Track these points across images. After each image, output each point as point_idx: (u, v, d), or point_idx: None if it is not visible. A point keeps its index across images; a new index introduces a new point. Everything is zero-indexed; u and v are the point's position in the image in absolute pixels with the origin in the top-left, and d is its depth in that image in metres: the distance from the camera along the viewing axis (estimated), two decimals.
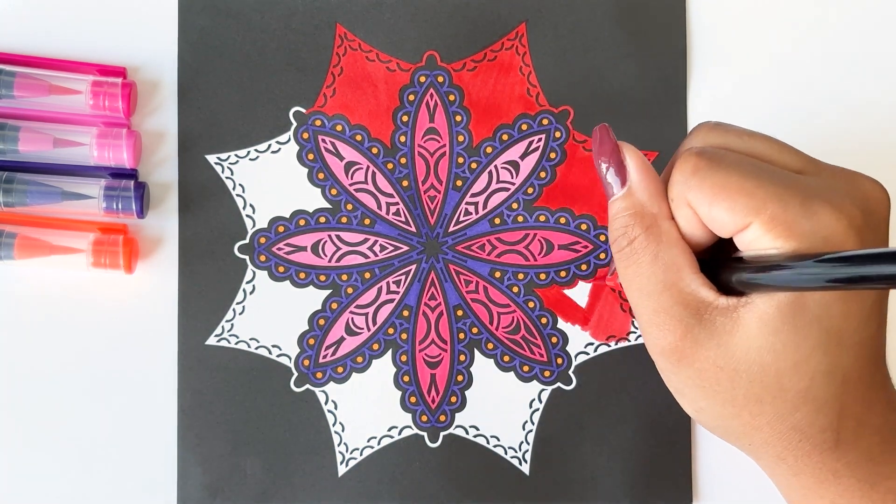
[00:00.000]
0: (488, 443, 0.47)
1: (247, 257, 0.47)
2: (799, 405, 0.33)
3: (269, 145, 0.47)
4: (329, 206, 0.47)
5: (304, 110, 0.47)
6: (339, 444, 0.47)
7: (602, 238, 0.47)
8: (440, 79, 0.48)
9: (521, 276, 0.47)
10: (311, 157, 0.47)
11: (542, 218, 0.47)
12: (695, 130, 0.37)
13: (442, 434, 0.47)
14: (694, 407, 0.36)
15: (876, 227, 0.34)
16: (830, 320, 0.33)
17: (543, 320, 0.47)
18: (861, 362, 0.34)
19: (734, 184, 0.33)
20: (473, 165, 0.48)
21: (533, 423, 0.47)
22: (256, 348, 0.47)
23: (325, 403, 0.47)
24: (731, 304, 0.34)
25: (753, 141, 0.36)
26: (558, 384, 0.47)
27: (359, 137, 0.48)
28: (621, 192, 0.36)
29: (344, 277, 0.47)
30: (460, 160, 0.48)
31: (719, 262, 0.35)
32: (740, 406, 0.34)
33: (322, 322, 0.47)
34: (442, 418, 0.47)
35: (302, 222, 0.47)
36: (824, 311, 0.33)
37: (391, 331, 0.47)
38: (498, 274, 0.47)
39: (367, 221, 0.47)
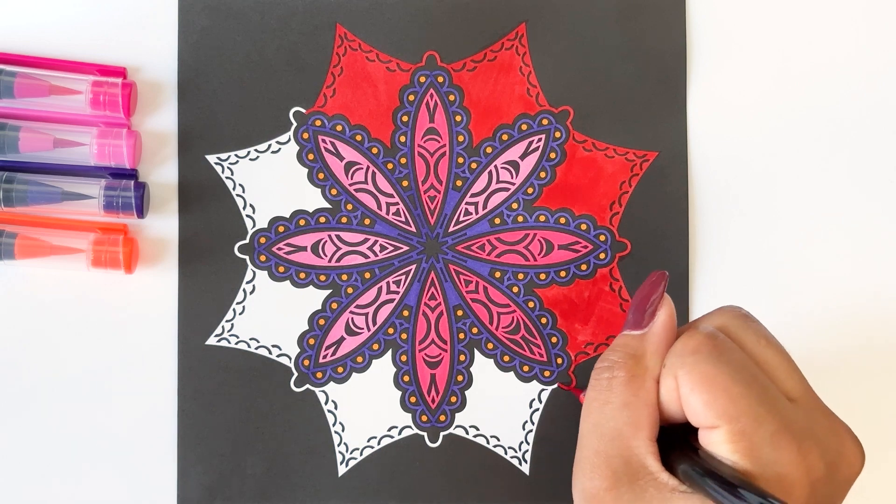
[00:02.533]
0: (488, 443, 0.47)
1: (247, 257, 0.47)
2: None
3: (269, 145, 0.47)
4: (329, 206, 0.47)
5: (304, 110, 0.47)
6: (339, 444, 0.47)
7: (602, 238, 0.47)
8: (440, 79, 0.48)
9: (521, 276, 0.47)
10: (311, 157, 0.47)
11: (541, 218, 0.47)
12: (721, 309, 0.37)
13: (442, 434, 0.47)
14: None
15: (836, 485, 0.34)
16: None
17: (543, 320, 0.47)
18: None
19: (723, 382, 0.34)
20: (473, 165, 0.48)
21: (533, 423, 0.47)
22: (256, 348, 0.47)
23: (325, 403, 0.47)
24: (670, 484, 0.34)
25: (767, 349, 0.36)
26: (558, 384, 0.47)
27: (359, 137, 0.48)
28: (636, 332, 0.37)
29: (344, 277, 0.47)
30: (460, 160, 0.48)
31: (678, 441, 0.35)
32: None
33: (322, 322, 0.47)
34: (442, 418, 0.47)
35: (302, 222, 0.47)
36: None
37: (391, 331, 0.47)
38: (498, 274, 0.47)
39: (367, 221, 0.47)
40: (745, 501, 0.31)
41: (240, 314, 0.47)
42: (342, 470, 0.47)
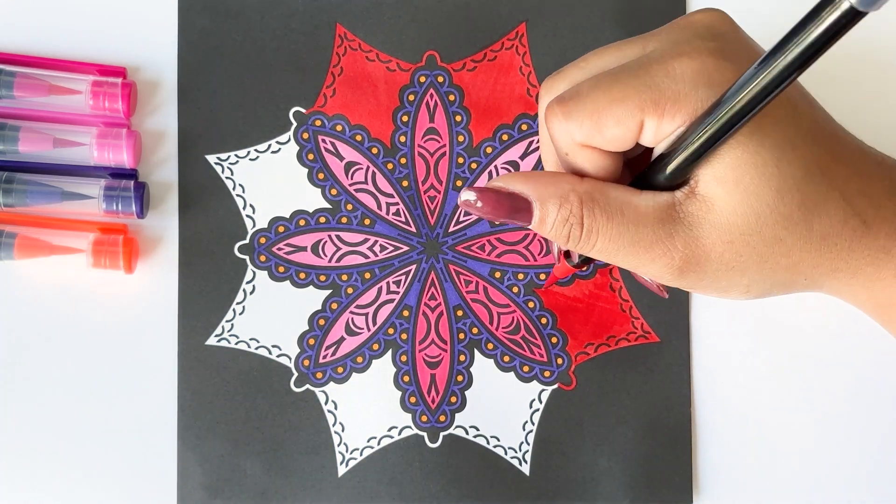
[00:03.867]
0: (488, 443, 0.47)
1: (247, 257, 0.47)
2: (810, 218, 0.34)
3: (269, 145, 0.47)
4: (329, 206, 0.47)
5: (304, 110, 0.47)
6: (339, 444, 0.47)
7: None
8: (440, 79, 0.48)
9: (521, 276, 0.47)
10: (311, 157, 0.47)
11: None
12: (541, 91, 0.38)
13: (442, 434, 0.47)
14: (742, 290, 0.36)
15: (734, 42, 0.35)
16: (771, 137, 0.33)
17: (543, 320, 0.47)
18: (825, 145, 0.34)
19: (604, 100, 0.34)
20: (473, 165, 0.48)
21: (533, 424, 0.47)
22: (256, 348, 0.47)
23: (325, 403, 0.47)
24: (687, 191, 0.34)
25: (590, 62, 0.36)
26: (558, 384, 0.47)
27: (359, 137, 0.48)
28: (535, 210, 0.35)
29: (344, 277, 0.47)
30: (460, 160, 0.48)
31: (649, 172, 0.35)
32: (771, 257, 0.34)
33: (322, 322, 0.47)
34: (442, 418, 0.47)
35: (302, 222, 0.47)
36: (759, 135, 0.33)
37: (391, 331, 0.47)
38: (498, 274, 0.47)
39: (367, 221, 0.47)
40: (720, 114, 0.31)
41: (240, 314, 0.47)
42: (342, 470, 0.47)
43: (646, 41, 0.36)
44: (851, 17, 0.26)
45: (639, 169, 0.36)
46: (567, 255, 0.42)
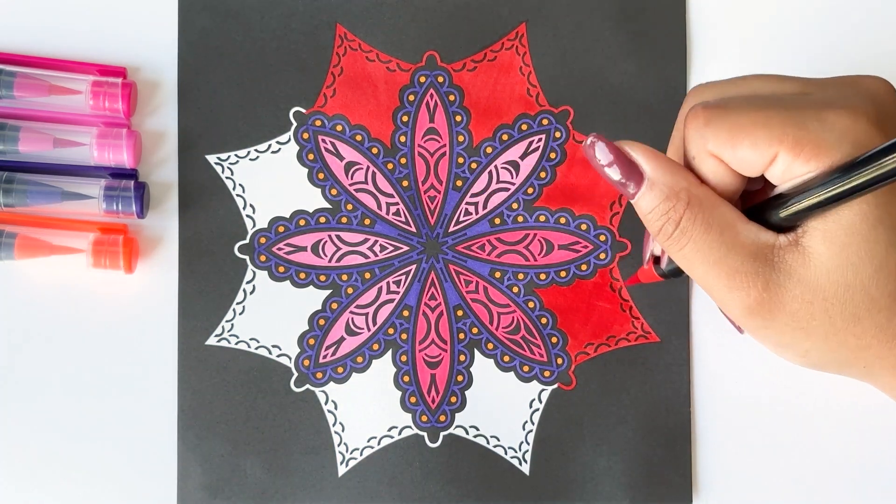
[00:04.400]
0: (488, 443, 0.47)
1: (247, 257, 0.47)
2: (894, 308, 0.33)
3: (269, 145, 0.47)
4: (329, 206, 0.47)
5: (304, 110, 0.47)
6: (339, 444, 0.47)
7: (602, 238, 0.47)
8: (440, 79, 0.48)
9: (521, 276, 0.47)
10: (311, 157, 0.47)
11: (542, 218, 0.47)
12: (689, 95, 0.37)
13: (442, 434, 0.47)
14: (800, 352, 0.35)
15: (891, 113, 0.34)
16: (893, 217, 0.33)
17: (543, 320, 0.47)
18: None
19: (748, 120, 0.33)
20: (473, 165, 0.48)
21: (533, 424, 0.47)
22: (256, 348, 0.47)
23: (325, 403, 0.47)
24: (791, 238, 0.34)
25: (747, 83, 0.36)
26: (558, 384, 0.47)
27: (359, 137, 0.48)
28: (643, 187, 0.35)
29: (344, 277, 0.47)
30: (460, 160, 0.48)
31: (763, 206, 0.35)
32: (842, 332, 0.34)
33: (322, 322, 0.47)
34: (442, 418, 0.47)
35: (302, 222, 0.47)
36: (884, 210, 0.33)
37: (391, 331, 0.47)
38: (498, 274, 0.47)
39: (367, 221, 0.47)
40: (850, 175, 0.31)
41: (240, 314, 0.47)
42: (342, 470, 0.47)
43: (808, 83, 0.35)
44: None
45: (750, 204, 0.36)
46: (657, 261, 0.42)
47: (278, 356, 0.47)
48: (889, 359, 0.34)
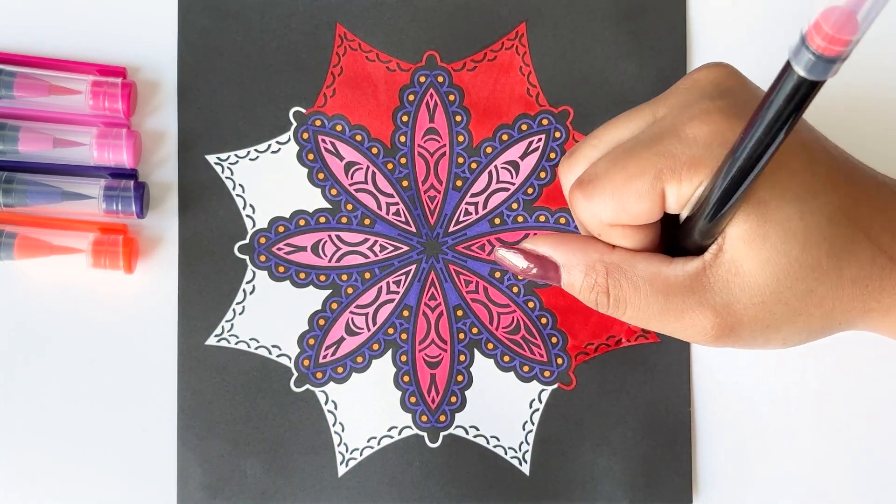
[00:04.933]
0: (488, 443, 0.47)
1: (247, 257, 0.47)
2: (839, 265, 0.34)
3: (269, 145, 0.47)
4: (329, 206, 0.47)
5: (304, 110, 0.47)
6: (339, 444, 0.47)
7: None
8: (440, 79, 0.48)
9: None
10: (311, 157, 0.47)
11: (542, 218, 0.47)
12: (560, 174, 0.38)
13: (442, 434, 0.47)
14: (779, 343, 0.36)
15: (743, 97, 0.34)
16: (790, 189, 0.33)
17: (543, 320, 0.47)
18: (844, 188, 0.34)
19: (621, 178, 0.34)
20: (473, 165, 0.48)
21: (533, 424, 0.47)
22: (256, 348, 0.47)
23: (325, 403, 0.47)
24: (713, 252, 0.34)
25: (600, 138, 0.36)
26: (558, 384, 0.47)
27: (359, 137, 0.48)
28: (562, 273, 0.36)
29: (344, 277, 0.47)
30: (460, 160, 0.48)
31: (679, 237, 0.35)
32: (805, 310, 0.34)
33: (322, 322, 0.47)
34: (442, 418, 0.47)
35: (302, 222, 0.47)
36: (780, 189, 0.33)
37: (391, 331, 0.47)
38: (498, 274, 0.47)
39: (367, 221, 0.47)
40: (733, 172, 0.31)
41: (240, 314, 0.47)
42: (342, 470, 0.47)
43: (655, 107, 0.36)
44: (810, 87, 0.27)
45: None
46: None
47: (278, 356, 0.47)
48: (856, 308, 0.35)
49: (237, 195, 0.47)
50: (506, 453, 0.47)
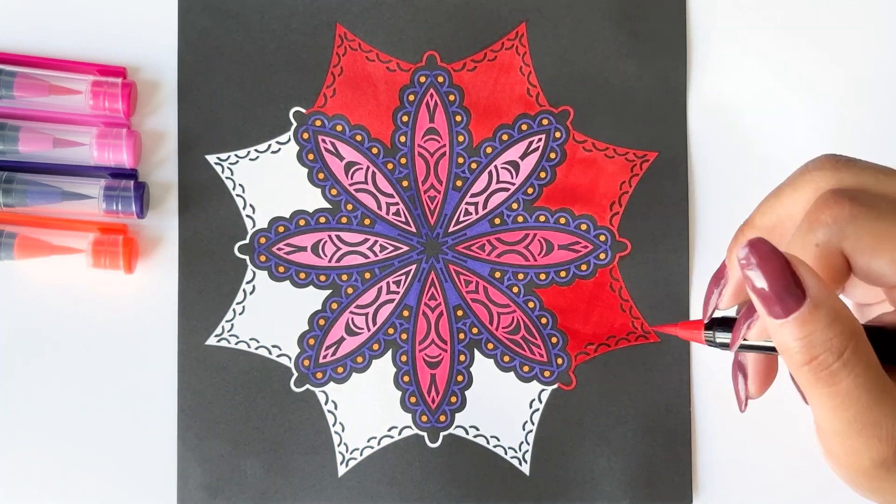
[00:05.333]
0: (488, 443, 0.47)
1: (247, 257, 0.47)
2: None
3: (269, 145, 0.47)
4: (329, 206, 0.47)
5: (304, 110, 0.47)
6: (339, 444, 0.47)
7: (602, 238, 0.47)
8: (440, 79, 0.48)
9: (521, 276, 0.47)
10: (311, 157, 0.47)
11: (542, 218, 0.47)
12: (817, 164, 0.32)
13: (442, 434, 0.47)
14: None
15: None
16: None
17: (543, 320, 0.47)
18: None
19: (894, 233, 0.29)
20: (473, 165, 0.48)
21: (533, 424, 0.47)
22: (256, 348, 0.47)
23: (325, 403, 0.47)
24: None
25: (889, 180, 0.31)
26: (558, 384, 0.47)
27: (359, 137, 0.48)
28: (804, 308, 0.29)
29: (344, 277, 0.47)
30: (460, 160, 0.48)
31: (883, 336, 0.31)
32: None
33: (322, 322, 0.47)
34: (442, 418, 0.47)
35: (302, 222, 0.47)
36: None
37: (391, 331, 0.47)
38: (498, 274, 0.47)
39: (367, 222, 0.47)
40: None
41: (240, 314, 0.47)
42: (342, 470, 0.47)
43: None
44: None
45: None
46: (716, 324, 0.35)
47: (278, 356, 0.47)
48: None
49: (237, 195, 0.47)
50: (506, 453, 0.47)
